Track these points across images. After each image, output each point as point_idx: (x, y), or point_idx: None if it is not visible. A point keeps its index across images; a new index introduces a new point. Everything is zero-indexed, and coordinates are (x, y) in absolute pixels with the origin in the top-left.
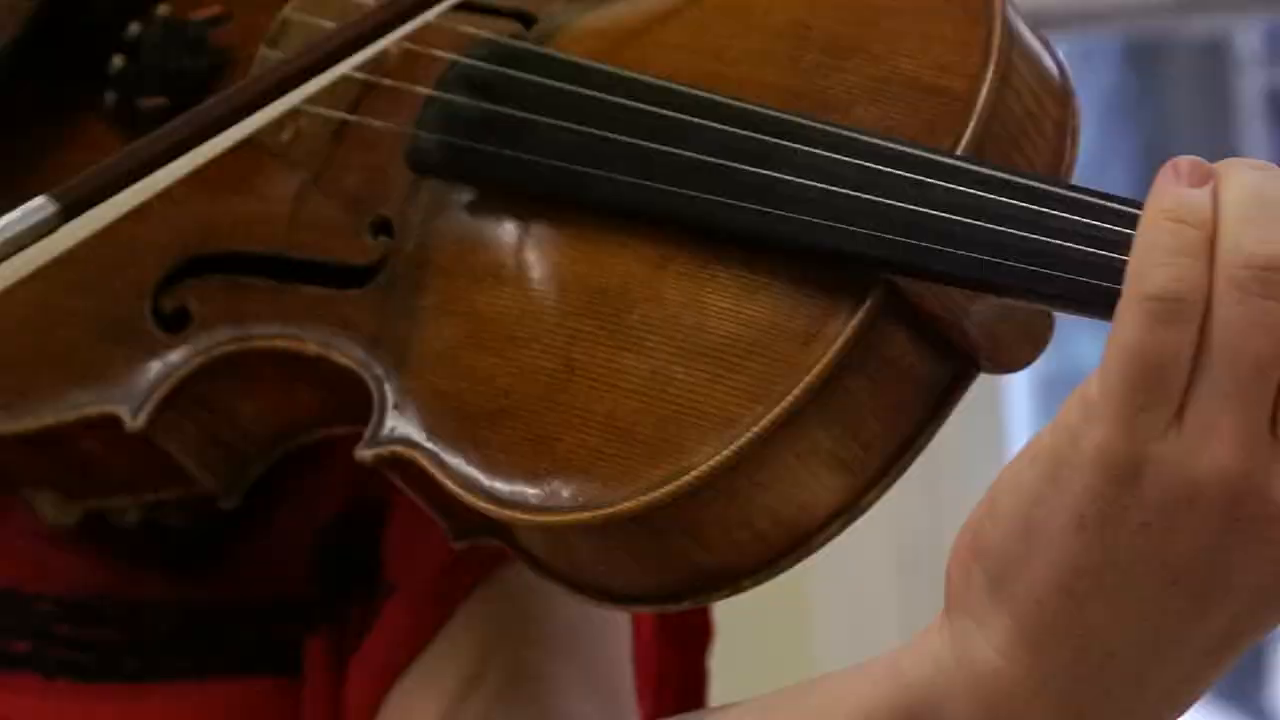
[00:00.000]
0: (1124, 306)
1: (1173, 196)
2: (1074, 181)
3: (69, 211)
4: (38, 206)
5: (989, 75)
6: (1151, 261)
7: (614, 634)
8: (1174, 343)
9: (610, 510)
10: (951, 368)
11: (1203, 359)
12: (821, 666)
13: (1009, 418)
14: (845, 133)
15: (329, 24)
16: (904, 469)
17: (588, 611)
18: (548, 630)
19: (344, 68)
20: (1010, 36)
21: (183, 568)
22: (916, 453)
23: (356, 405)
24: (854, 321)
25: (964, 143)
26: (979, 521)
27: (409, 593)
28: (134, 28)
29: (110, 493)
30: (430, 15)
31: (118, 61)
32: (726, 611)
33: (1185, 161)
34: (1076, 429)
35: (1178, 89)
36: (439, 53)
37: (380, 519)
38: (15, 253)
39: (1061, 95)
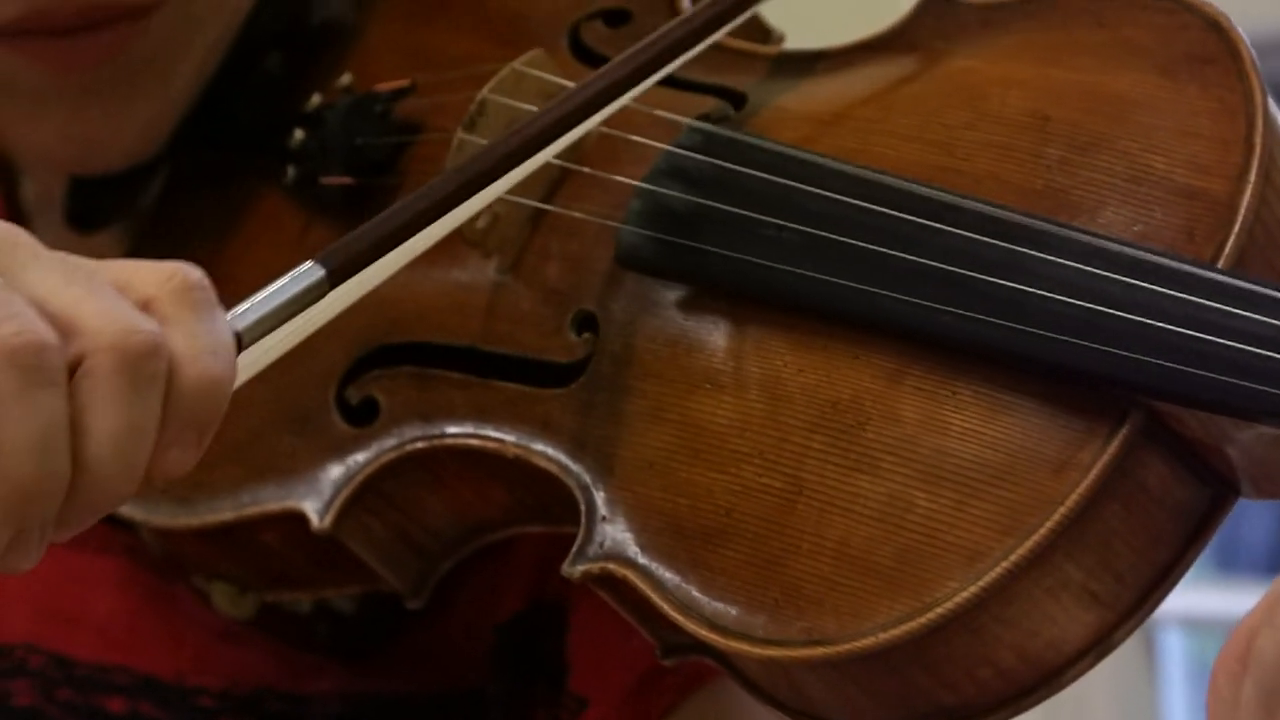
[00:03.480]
0: None
1: None
2: None
3: (335, 277)
4: (306, 271)
5: (1252, 177)
6: None
7: None
8: None
9: (846, 647)
10: (1210, 493)
11: None
12: None
13: None
14: (1097, 241)
15: (528, 106)
16: (1160, 600)
17: None
18: None
19: (550, 153)
20: (1272, 132)
21: (354, 655)
22: (1174, 583)
23: (555, 507)
24: (1110, 449)
25: (1226, 253)
26: (1253, 628)
27: (601, 712)
28: (316, 98)
29: (289, 588)
30: (637, 92)
31: (299, 135)
32: None
33: None
34: None
35: None
36: (644, 140)
37: (563, 621)
38: (287, 319)
39: None
